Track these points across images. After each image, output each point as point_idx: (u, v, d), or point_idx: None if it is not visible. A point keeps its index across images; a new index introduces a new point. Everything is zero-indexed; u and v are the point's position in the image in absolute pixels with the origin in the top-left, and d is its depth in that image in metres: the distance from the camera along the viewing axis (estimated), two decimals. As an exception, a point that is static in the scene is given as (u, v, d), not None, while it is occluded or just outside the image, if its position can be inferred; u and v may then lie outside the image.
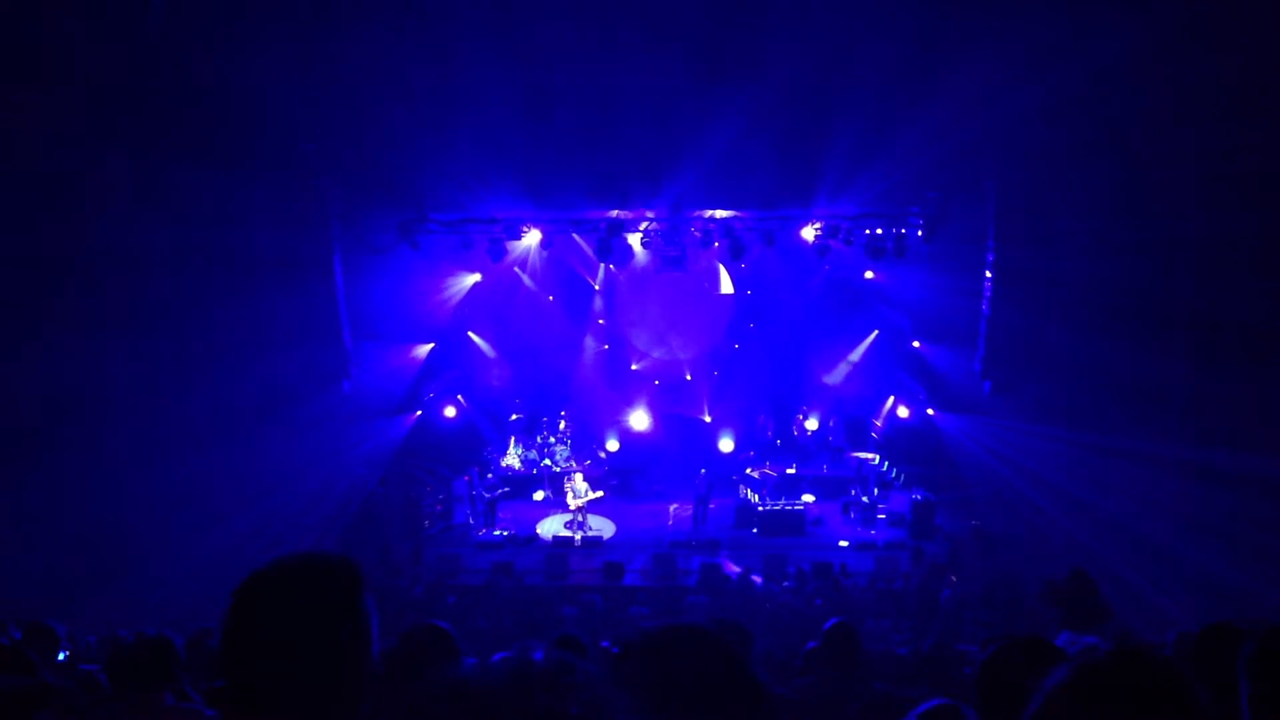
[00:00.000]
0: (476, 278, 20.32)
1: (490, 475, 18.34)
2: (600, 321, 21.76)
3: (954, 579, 14.32)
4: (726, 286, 21.18)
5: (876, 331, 20.92)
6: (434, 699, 1.06)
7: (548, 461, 19.84)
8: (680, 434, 21.09)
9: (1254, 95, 11.39)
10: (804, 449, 20.66)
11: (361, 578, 1.80)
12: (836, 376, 21.29)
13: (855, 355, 21.21)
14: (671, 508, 18.16)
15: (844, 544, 16.57)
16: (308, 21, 11.59)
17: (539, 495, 19.20)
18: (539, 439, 20.19)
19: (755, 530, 17.28)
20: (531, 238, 18.61)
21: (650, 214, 18.03)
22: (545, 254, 19.65)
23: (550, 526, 17.58)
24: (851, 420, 21.06)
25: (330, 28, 11.90)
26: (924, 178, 16.21)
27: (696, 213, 18.06)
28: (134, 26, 11.04)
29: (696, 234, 18.26)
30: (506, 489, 18.29)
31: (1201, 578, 12.08)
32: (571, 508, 16.99)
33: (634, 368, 22.00)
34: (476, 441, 20.24)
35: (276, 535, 14.37)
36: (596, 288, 21.35)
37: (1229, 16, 10.80)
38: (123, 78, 11.69)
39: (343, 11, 12.04)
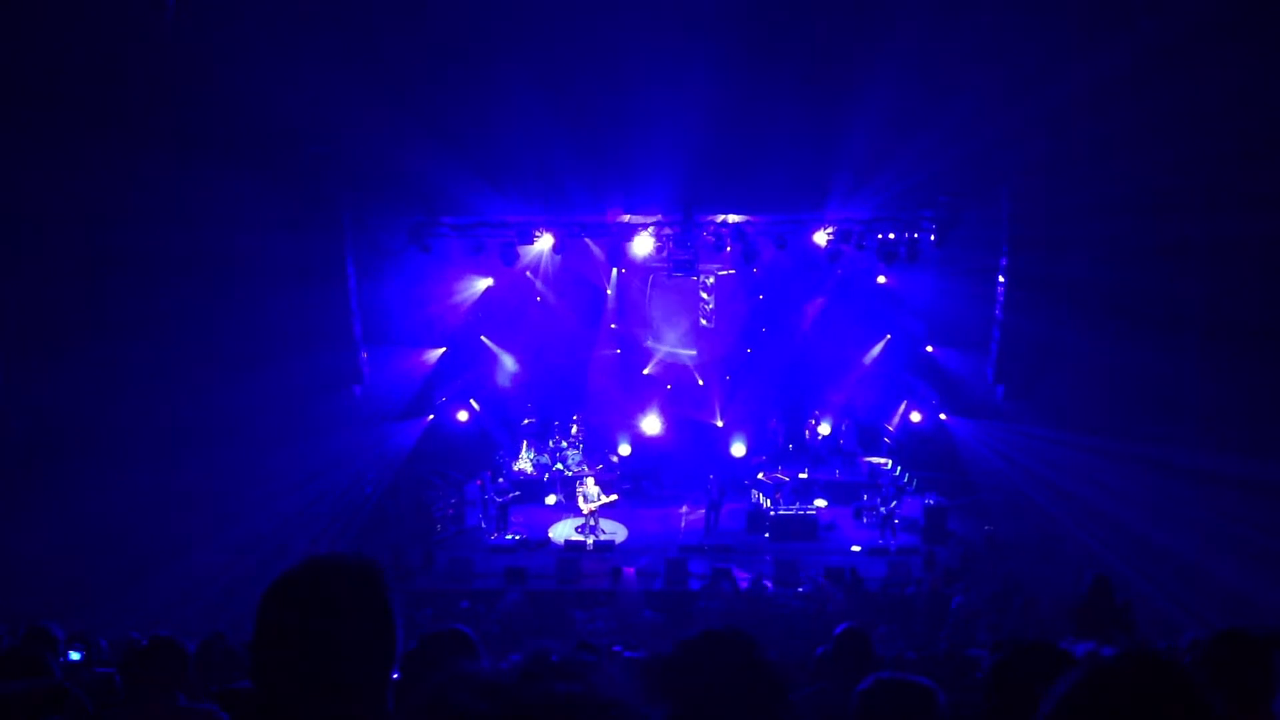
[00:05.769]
0: (489, 282, 20.37)
1: (502, 479, 18.33)
2: (612, 325, 21.77)
3: (964, 585, 14.25)
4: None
5: (889, 336, 20.86)
6: (452, 691, 1.07)
7: (560, 466, 19.84)
8: (692, 438, 21.06)
9: (1265, 98, 11.34)
10: (816, 454, 20.61)
11: (387, 580, 1.83)
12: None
13: (869, 358, 21.14)
14: (683, 512, 18.14)
15: (856, 549, 16.52)
16: (318, 25, 11.65)
17: (551, 499, 19.19)
18: (551, 443, 20.19)
19: (767, 535, 17.20)
20: (544, 242, 18.61)
21: (662, 218, 18.03)
22: (558, 258, 19.67)
23: (562, 531, 17.56)
24: (864, 425, 20.98)
25: (340, 31, 11.95)
26: (937, 182, 16.16)
27: (709, 217, 18.06)
28: (147, 33, 11.11)
29: (709, 238, 18.25)
30: (518, 493, 18.28)
31: (1217, 585, 11.97)
32: (583, 512, 16.97)
33: (646, 372, 21.99)
34: (488, 445, 20.26)
35: (288, 539, 14.42)
36: (609, 292, 21.35)
37: (1237, 22, 10.77)
38: (132, 86, 11.76)
39: (353, 15, 12.10)
